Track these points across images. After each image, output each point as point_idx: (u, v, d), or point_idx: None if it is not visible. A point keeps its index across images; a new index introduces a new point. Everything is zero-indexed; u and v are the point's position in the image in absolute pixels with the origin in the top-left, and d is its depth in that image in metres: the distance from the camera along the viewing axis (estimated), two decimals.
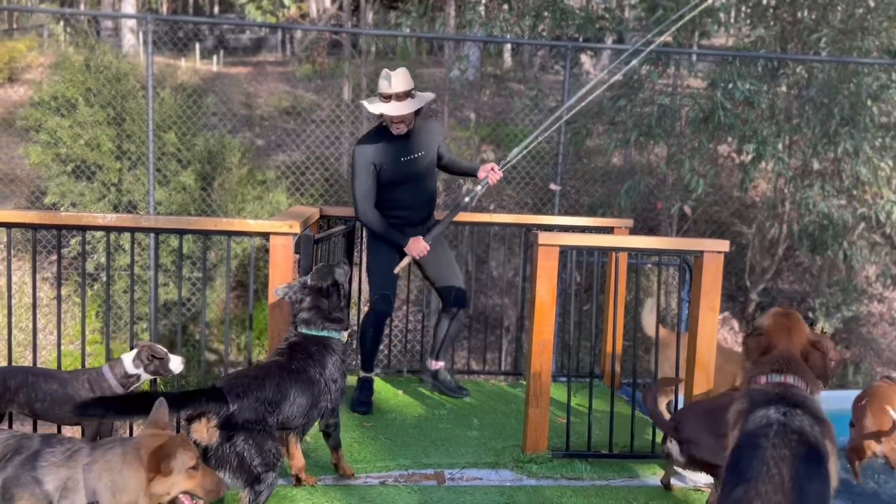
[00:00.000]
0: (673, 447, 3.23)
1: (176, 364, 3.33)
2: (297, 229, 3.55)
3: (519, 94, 11.35)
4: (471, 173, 4.46)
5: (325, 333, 3.16)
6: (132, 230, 3.56)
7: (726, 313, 9.40)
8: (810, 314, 9.03)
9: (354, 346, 4.96)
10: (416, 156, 4.24)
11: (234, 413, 2.75)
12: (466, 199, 4.27)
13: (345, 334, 3.24)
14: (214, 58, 17.37)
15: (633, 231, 5.00)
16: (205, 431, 2.73)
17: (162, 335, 7.60)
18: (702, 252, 3.74)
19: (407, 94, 4.05)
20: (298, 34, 20.78)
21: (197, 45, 17.21)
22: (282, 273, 3.55)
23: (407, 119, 4.12)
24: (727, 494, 2.13)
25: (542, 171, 9.58)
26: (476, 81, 10.25)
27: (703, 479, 3.56)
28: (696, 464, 3.19)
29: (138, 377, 3.29)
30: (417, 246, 4.26)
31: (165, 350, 3.32)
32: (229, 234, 3.64)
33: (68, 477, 1.95)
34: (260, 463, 2.78)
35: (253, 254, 3.79)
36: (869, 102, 7.24)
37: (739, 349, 4.41)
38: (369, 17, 15.81)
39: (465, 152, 10.44)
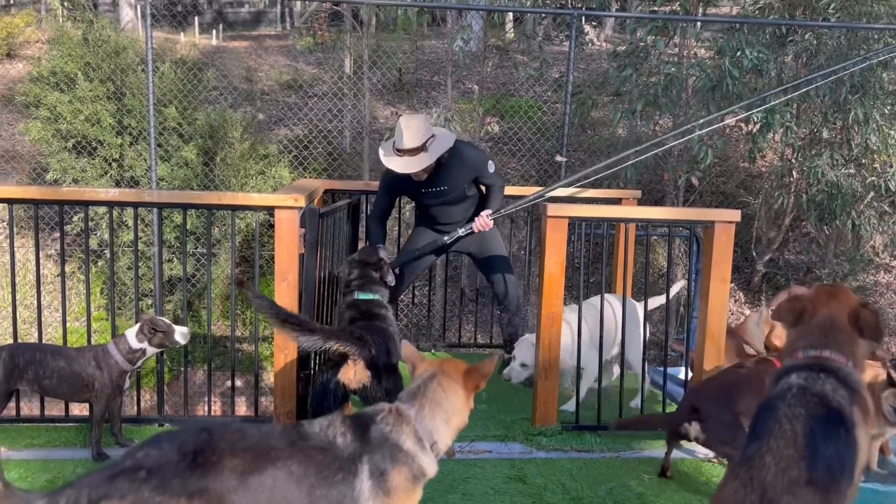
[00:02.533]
0: (692, 428, 3.19)
1: (181, 335, 3.32)
2: (301, 203, 3.50)
3: (523, 65, 11.24)
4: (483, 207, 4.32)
5: (377, 297, 3.55)
6: (135, 205, 3.52)
7: (732, 284, 9.35)
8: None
9: None
10: (436, 189, 4.13)
11: (376, 357, 3.05)
12: (445, 239, 4.21)
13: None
14: (213, 32, 17.15)
15: (641, 202, 4.95)
16: (353, 373, 3.02)
17: (167, 311, 7.60)
18: (713, 222, 3.69)
19: (420, 149, 3.87)
20: (298, 6, 20.54)
21: (196, 20, 17.02)
22: (287, 247, 3.51)
23: (424, 167, 3.94)
24: (742, 455, 2.09)
25: (546, 144, 9.49)
26: (479, 53, 10.12)
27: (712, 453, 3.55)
28: (718, 442, 3.16)
29: (143, 351, 3.27)
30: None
31: (168, 322, 3.29)
32: (233, 208, 3.59)
33: (412, 431, 2.06)
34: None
35: (258, 228, 3.75)
36: (879, 70, 7.13)
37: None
38: None
39: (469, 125, 10.35)
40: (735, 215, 3.69)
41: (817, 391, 2.08)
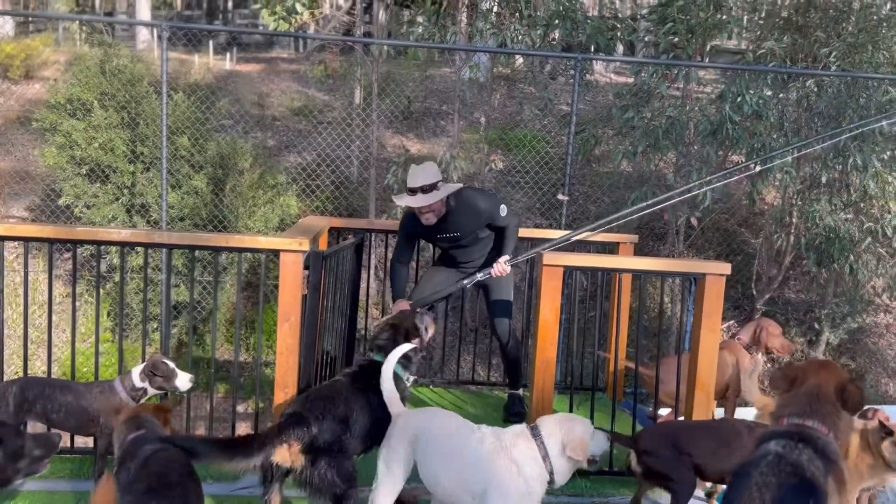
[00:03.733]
0: (632, 457, 3.35)
1: (183, 381, 3.41)
2: (306, 247, 3.63)
3: (530, 96, 11.40)
4: (497, 251, 4.45)
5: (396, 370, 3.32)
6: (146, 245, 3.66)
7: (732, 322, 9.43)
8: (816, 325, 9.06)
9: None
10: (450, 235, 4.34)
11: (316, 437, 2.92)
12: (465, 282, 4.35)
13: (410, 378, 3.49)
14: (228, 54, 17.45)
15: (642, 239, 5.06)
16: (288, 456, 2.85)
17: (173, 335, 7.71)
18: (704, 275, 3.80)
19: (431, 188, 4.07)
20: (311, 30, 20.82)
21: (210, 42, 17.30)
22: (290, 290, 3.63)
23: (434, 209, 4.14)
24: None
25: (551, 177, 9.62)
26: (487, 84, 10.30)
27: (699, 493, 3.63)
28: (652, 475, 3.33)
29: (145, 390, 3.38)
30: (399, 307, 4.28)
31: (172, 367, 3.39)
32: (240, 250, 3.72)
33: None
34: (342, 481, 2.94)
35: (264, 269, 3.88)
36: (877, 116, 7.25)
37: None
38: (381, 16, 15.85)
39: (475, 156, 10.50)
40: (725, 268, 3.79)
41: (792, 460, 2.17)
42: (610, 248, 5.19)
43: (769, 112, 7.04)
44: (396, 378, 3.30)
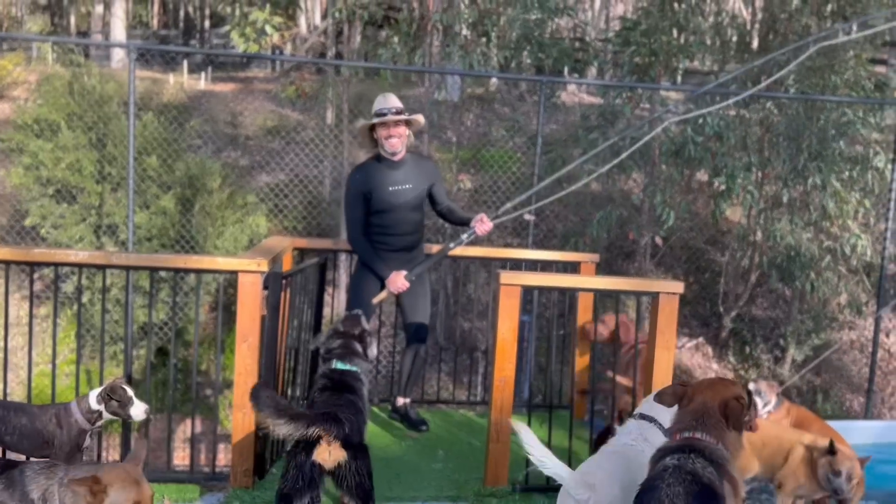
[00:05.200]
0: None
1: (138, 411, 3.38)
2: (265, 268, 3.65)
3: (502, 116, 11.52)
4: (465, 223, 4.56)
5: (355, 368, 3.49)
6: (104, 267, 3.66)
7: (700, 339, 9.55)
8: (782, 341, 9.21)
9: None
10: (402, 187, 4.40)
11: (349, 435, 3.02)
12: (451, 245, 4.42)
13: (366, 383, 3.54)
14: (202, 74, 17.46)
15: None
16: (327, 454, 2.96)
17: (140, 356, 7.65)
18: (657, 293, 3.87)
19: (401, 112, 4.32)
20: (287, 52, 20.91)
21: (185, 62, 17.31)
22: (249, 310, 3.65)
23: (403, 134, 4.32)
24: None
25: (522, 195, 9.73)
26: (459, 104, 10.42)
27: None
28: None
29: (101, 414, 3.37)
30: (396, 282, 4.40)
31: (130, 395, 3.37)
32: (199, 271, 3.74)
33: None
34: (370, 480, 3.06)
35: (221, 290, 3.89)
36: (835, 137, 7.45)
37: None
38: (357, 38, 15.97)
39: (447, 175, 10.59)
40: (678, 287, 3.87)
41: (689, 469, 2.35)
42: (573, 268, 5.27)
43: (730, 133, 7.20)
44: (354, 375, 3.43)
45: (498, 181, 9.53)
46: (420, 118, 4.45)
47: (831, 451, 3.73)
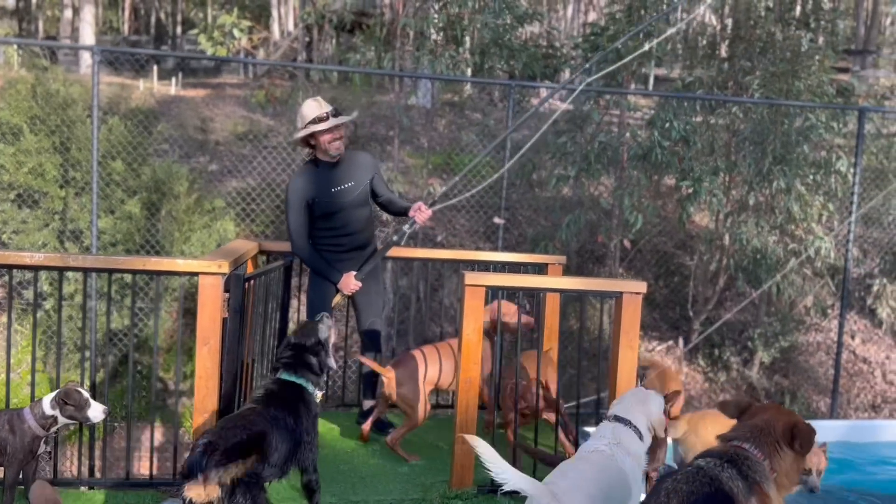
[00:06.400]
0: None
1: (95, 413, 3.32)
2: (226, 269, 3.61)
3: (475, 123, 11.54)
4: (404, 213, 4.58)
5: (301, 382, 3.23)
6: (60, 269, 3.59)
7: (671, 342, 9.63)
8: (750, 344, 9.32)
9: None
10: (345, 186, 4.39)
11: (232, 468, 2.71)
12: (395, 238, 4.43)
13: (318, 394, 3.28)
14: (173, 79, 17.30)
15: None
16: (203, 491, 2.66)
17: (104, 365, 7.52)
18: (621, 293, 3.89)
19: (338, 113, 4.32)
20: (260, 56, 20.85)
21: (155, 67, 17.13)
22: (210, 312, 3.60)
23: (342, 135, 4.31)
24: None
25: (493, 201, 9.77)
26: (431, 109, 10.43)
27: None
28: None
29: (55, 419, 3.30)
30: (349, 284, 4.41)
31: (86, 397, 3.31)
32: (158, 273, 3.68)
33: None
34: None
35: (182, 292, 3.84)
36: (798, 141, 7.57)
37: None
38: (328, 44, 15.94)
39: (420, 181, 10.59)
40: (641, 287, 3.89)
41: (712, 474, 2.30)
42: (541, 269, 5.28)
43: (696, 137, 7.29)
44: (305, 393, 3.21)
45: (469, 186, 9.53)
46: (353, 115, 4.54)
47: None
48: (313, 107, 4.29)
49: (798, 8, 9.12)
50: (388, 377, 4.29)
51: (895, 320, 9.76)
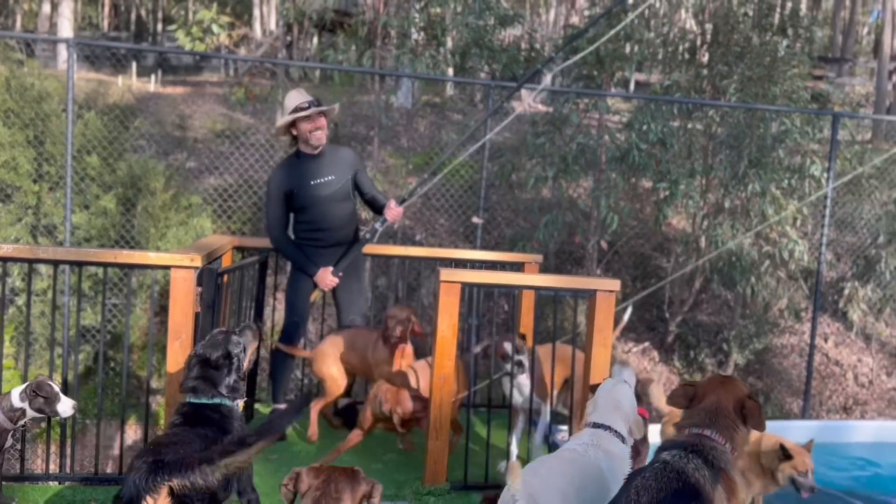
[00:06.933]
0: None
1: (65, 407, 3.29)
2: (198, 263, 3.59)
3: (456, 123, 11.57)
4: (381, 211, 4.59)
5: (216, 401, 2.94)
6: (30, 261, 3.55)
7: (646, 344, 9.69)
8: (725, 346, 9.40)
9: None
10: (324, 180, 4.40)
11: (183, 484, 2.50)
12: (367, 236, 4.43)
13: (240, 403, 3.04)
14: (153, 76, 17.16)
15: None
16: None
17: (81, 363, 7.44)
18: (595, 291, 3.92)
19: (319, 102, 4.36)
20: (241, 53, 20.74)
21: (134, 64, 16.98)
22: (182, 306, 3.58)
23: (325, 126, 4.35)
24: None
25: (473, 201, 9.79)
26: (412, 110, 10.44)
27: None
28: None
29: (24, 412, 3.26)
30: (325, 279, 4.41)
31: (56, 391, 3.28)
32: (129, 266, 3.65)
33: None
34: None
35: (155, 287, 3.81)
36: (774, 146, 7.66)
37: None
38: (310, 43, 15.89)
39: (400, 181, 10.58)
40: (615, 284, 3.93)
41: (678, 467, 2.32)
42: (518, 268, 5.31)
43: (673, 140, 7.35)
44: (227, 410, 2.92)
45: (449, 187, 9.54)
46: (336, 107, 4.52)
47: (787, 455, 3.81)
48: (296, 97, 4.34)
49: (776, 15, 9.23)
50: (308, 357, 4.52)
51: (866, 323, 9.90)
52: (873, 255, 9.21)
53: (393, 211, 4.45)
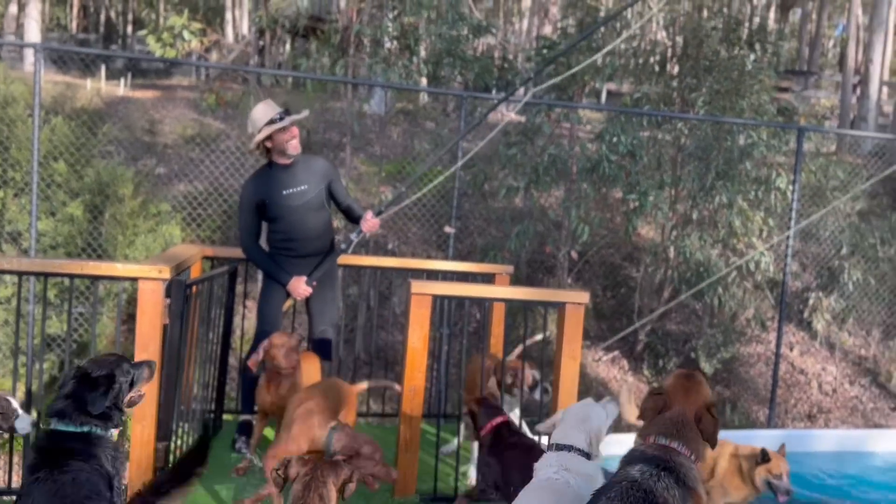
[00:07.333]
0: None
1: (23, 424, 3.23)
2: (167, 275, 3.55)
3: (429, 132, 11.59)
4: (357, 222, 4.58)
5: (84, 429, 2.62)
6: None
7: (616, 353, 9.78)
8: (693, 354, 9.53)
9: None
10: (296, 189, 4.37)
11: None
12: (343, 246, 4.43)
13: (114, 432, 2.73)
14: (122, 80, 16.93)
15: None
16: None
17: (46, 372, 7.30)
18: (564, 303, 3.95)
19: (289, 112, 4.33)
20: (213, 59, 20.59)
21: (103, 67, 16.76)
22: (150, 318, 3.54)
23: (298, 134, 4.32)
24: None
25: (445, 210, 9.81)
26: (385, 117, 10.43)
27: None
28: None
29: None
30: (298, 288, 4.38)
31: (14, 406, 3.22)
32: (97, 278, 3.60)
33: None
34: None
35: (122, 298, 3.76)
36: (741, 158, 7.80)
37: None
38: (282, 49, 15.83)
39: (372, 188, 10.57)
40: (584, 297, 3.96)
41: (646, 486, 2.26)
42: (489, 279, 5.33)
43: (643, 152, 7.45)
44: (98, 441, 2.64)
45: (422, 195, 9.57)
46: (306, 113, 4.50)
47: (765, 458, 3.88)
48: (265, 110, 4.30)
49: (744, 30, 9.40)
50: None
51: (830, 333, 10.10)
52: (837, 266, 9.40)
53: (369, 222, 4.45)
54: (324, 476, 2.38)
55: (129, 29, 28.69)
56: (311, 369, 4.24)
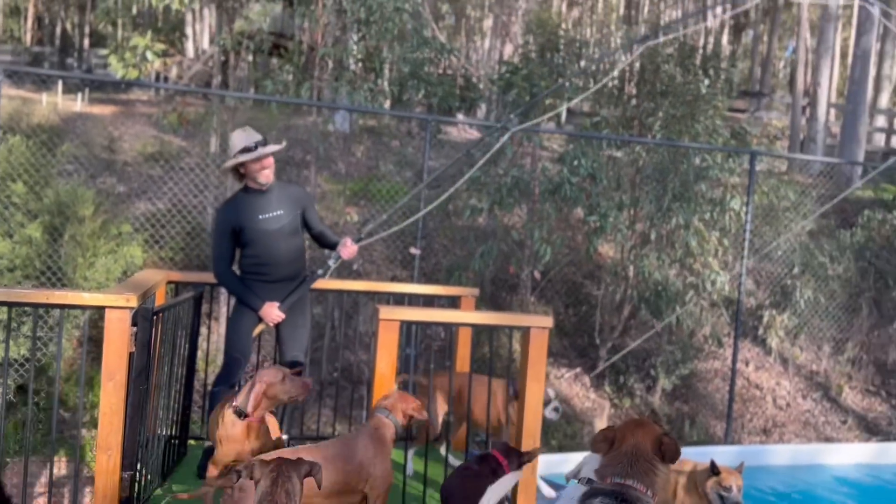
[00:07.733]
0: None
1: None
2: (134, 303, 3.55)
3: (394, 152, 11.68)
4: (334, 247, 4.62)
5: None
6: None
7: (578, 370, 9.94)
8: (652, 371, 9.73)
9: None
10: (272, 214, 4.41)
11: None
12: (319, 272, 4.47)
13: None
14: (79, 94, 16.66)
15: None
16: None
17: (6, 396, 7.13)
18: (529, 328, 4.05)
19: (266, 143, 4.38)
20: (173, 75, 20.39)
21: (60, 82, 16.47)
22: (116, 347, 3.53)
23: (272, 164, 4.37)
24: None
25: (411, 229, 9.88)
26: (350, 135, 10.47)
27: None
28: None
29: None
30: (271, 314, 4.39)
31: None
32: (63, 307, 3.59)
33: None
34: None
35: (87, 327, 3.74)
36: (696, 180, 8.05)
37: None
38: (245, 66, 15.74)
39: (337, 207, 10.58)
40: (548, 321, 4.07)
41: None
42: (455, 301, 5.41)
43: (603, 175, 7.64)
44: None
45: (391, 219, 9.63)
46: (284, 144, 4.57)
47: (715, 471, 4.02)
48: (242, 137, 4.35)
49: (698, 56, 9.72)
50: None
51: (783, 349, 10.41)
52: (789, 284, 9.72)
53: (348, 248, 4.51)
54: (288, 471, 2.50)
55: (86, 42, 28.19)
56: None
